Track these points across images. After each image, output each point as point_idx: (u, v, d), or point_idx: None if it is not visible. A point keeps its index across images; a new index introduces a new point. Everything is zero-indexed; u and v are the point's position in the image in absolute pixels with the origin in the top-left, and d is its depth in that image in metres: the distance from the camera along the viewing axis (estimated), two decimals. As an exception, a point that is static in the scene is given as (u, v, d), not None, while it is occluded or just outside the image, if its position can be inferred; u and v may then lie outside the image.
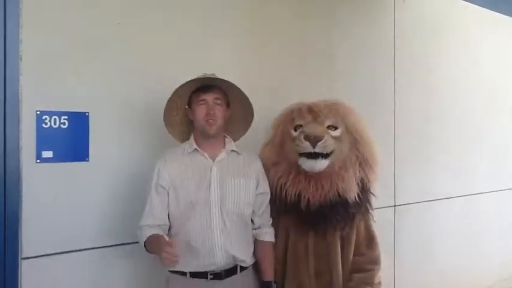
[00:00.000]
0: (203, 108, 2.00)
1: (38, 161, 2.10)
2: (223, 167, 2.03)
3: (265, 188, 2.15)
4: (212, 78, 2.02)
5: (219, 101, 2.02)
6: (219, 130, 2.05)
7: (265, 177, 2.16)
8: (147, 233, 1.96)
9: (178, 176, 1.99)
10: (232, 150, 2.09)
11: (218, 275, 1.96)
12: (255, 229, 2.13)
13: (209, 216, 1.95)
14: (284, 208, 2.12)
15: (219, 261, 1.95)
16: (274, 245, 2.18)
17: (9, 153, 2.03)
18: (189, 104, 2.08)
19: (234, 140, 2.16)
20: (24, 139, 2.07)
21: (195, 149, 2.03)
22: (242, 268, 2.03)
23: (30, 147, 2.08)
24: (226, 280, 1.97)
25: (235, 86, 2.04)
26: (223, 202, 1.98)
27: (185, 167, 2.00)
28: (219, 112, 2.01)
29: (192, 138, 2.07)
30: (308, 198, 2.06)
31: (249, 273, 2.09)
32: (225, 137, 2.12)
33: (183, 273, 1.97)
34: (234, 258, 1.98)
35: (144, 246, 1.97)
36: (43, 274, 2.11)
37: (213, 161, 2.02)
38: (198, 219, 1.95)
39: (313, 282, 2.12)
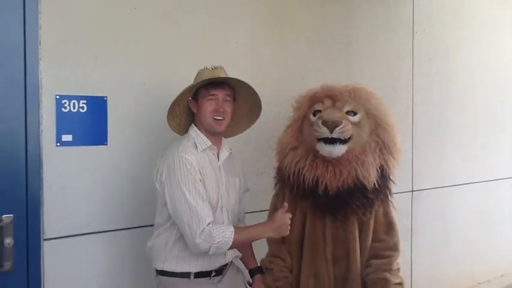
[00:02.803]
0: (212, 103, 1.93)
1: (58, 144, 2.13)
2: (226, 166, 2.04)
3: (247, 184, 2.21)
4: (229, 78, 1.97)
5: (228, 98, 1.98)
6: (226, 127, 2.01)
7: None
8: (230, 233, 1.83)
9: (203, 174, 1.90)
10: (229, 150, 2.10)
11: (220, 271, 1.99)
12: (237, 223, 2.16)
13: (220, 217, 1.95)
14: (301, 193, 2.11)
15: (227, 261, 2.00)
16: (291, 229, 2.17)
17: (30, 137, 2.06)
18: (195, 96, 1.99)
19: (235, 135, 2.17)
20: (45, 123, 2.10)
21: (209, 146, 1.97)
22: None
23: (50, 131, 2.11)
24: (224, 274, 2.02)
25: (248, 84, 1.98)
26: (228, 202, 2.01)
27: (204, 164, 1.92)
28: (229, 109, 1.98)
29: (199, 132, 1.98)
30: (325, 184, 2.05)
31: (235, 260, 2.14)
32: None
33: (187, 275, 1.92)
34: (236, 255, 2.05)
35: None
36: (65, 255, 2.16)
37: (218, 159, 2.02)
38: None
39: (330, 267, 2.13)
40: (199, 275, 1.93)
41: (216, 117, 1.94)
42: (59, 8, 2.13)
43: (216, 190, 1.95)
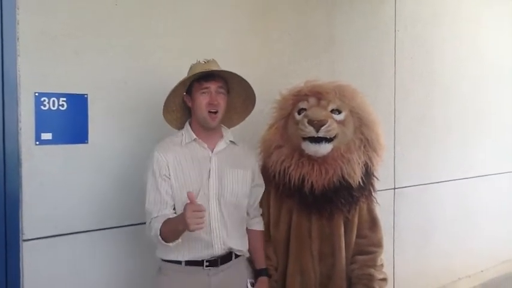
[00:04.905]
0: (206, 96, 1.93)
1: (37, 143, 2.09)
2: (222, 157, 2.01)
3: (260, 180, 2.17)
4: (221, 70, 1.97)
5: (221, 90, 1.97)
6: (220, 121, 2.01)
7: (259, 169, 2.17)
8: (159, 224, 1.86)
9: (177, 167, 1.93)
10: (231, 141, 2.07)
11: (214, 262, 1.96)
12: (249, 219, 2.15)
13: (207, 208, 1.92)
14: (287, 191, 2.11)
15: (217, 253, 1.95)
16: (277, 227, 2.20)
17: (8, 136, 2.01)
18: (189, 90, 2.00)
19: (230, 127, 2.14)
20: (23, 121, 2.05)
21: (194, 139, 1.98)
22: (236, 255, 2.04)
23: (29, 129, 2.07)
24: (221, 266, 1.97)
25: (240, 76, 1.98)
26: (222, 193, 1.97)
27: (184, 157, 1.95)
28: (222, 101, 1.97)
29: (188, 127, 2.01)
30: (311, 182, 2.05)
31: (243, 259, 2.09)
32: (221, 126, 2.08)
33: (178, 262, 1.94)
34: (230, 249, 1.99)
35: (160, 236, 1.85)
36: (44, 256, 2.12)
37: (212, 151, 2.00)
38: None
39: (316, 264, 2.14)
40: (190, 263, 1.93)
41: (211, 110, 1.94)
42: (38, 3, 2.08)
43: (197, 180, 1.94)
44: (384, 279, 2.16)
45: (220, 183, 1.97)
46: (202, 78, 1.94)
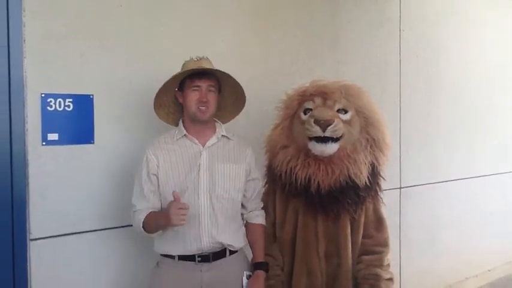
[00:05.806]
0: (196, 94, 1.96)
1: (44, 143, 2.10)
2: (213, 152, 2.02)
3: (257, 174, 2.16)
4: (210, 68, 1.99)
5: (212, 88, 2.00)
6: (211, 117, 2.03)
7: (256, 163, 2.17)
8: (143, 216, 1.95)
9: (167, 163, 1.97)
10: (223, 136, 2.07)
11: (206, 258, 1.96)
12: (246, 213, 2.15)
13: (197, 202, 1.94)
14: (294, 191, 2.11)
15: (205, 247, 1.95)
16: (283, 227, 2.20)
17: (15, 136, 2.02)
18: (181, 87, 2.02)
19: (223, 123, 2.14)
20: (30, 122, 2.06)
21: (184, 134, 2.01)
22: (232, 251, 2.03)
23: (35, 130, 2.08)
24: (214, 263, 1.97)
25: (230, 75, 2.00)
26: (213, 188, 1.97)
27: (174, 153, 1.99)
28: (212, 99, 1.99)
29: (181, 124, 2.05)
30: (318, 182, 2.05)
31: (240, 256, 2.09)
32: (215, 121, 2.09)
33: (172, 257, 1.97)
34: (221, 243, 1.98)
35: (143, 227, 1.94)
36: (51, 255, 2.13)
37: (203, 146, 2.01)
38: None
39: (323, 265, 2.13)
40: (183, 258, 1.96)
41: (201, 107, 1.96)
42: (43, 5, 2.09)
43: (187, 174, 1.95)
44: (391, 279, 2.15)
45: (211, 178, 1.98)
46: (194, 75, 1.96)
